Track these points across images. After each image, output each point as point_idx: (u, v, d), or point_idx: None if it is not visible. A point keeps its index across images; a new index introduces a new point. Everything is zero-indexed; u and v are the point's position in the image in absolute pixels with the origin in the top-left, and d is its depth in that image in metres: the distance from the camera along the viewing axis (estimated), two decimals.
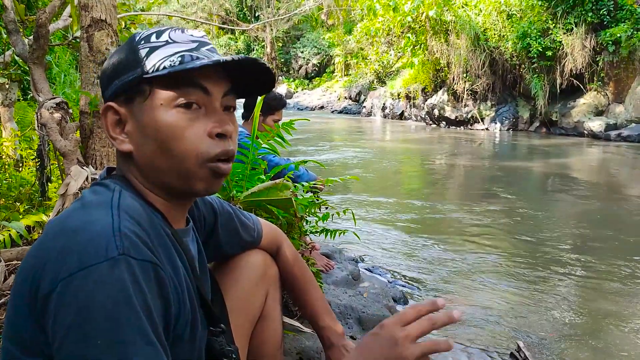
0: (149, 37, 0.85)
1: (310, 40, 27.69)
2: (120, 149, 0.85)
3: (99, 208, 0.75)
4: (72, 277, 0.66)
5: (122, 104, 0.84)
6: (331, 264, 2.95)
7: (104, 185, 0.83)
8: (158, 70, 0.81)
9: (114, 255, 0.67)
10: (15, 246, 2.15)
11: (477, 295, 3.06)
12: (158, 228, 0.81)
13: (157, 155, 0.83)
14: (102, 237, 0.69)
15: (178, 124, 0.81)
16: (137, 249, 0.71)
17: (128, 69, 0.83)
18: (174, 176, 0.84)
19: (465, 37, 13.77)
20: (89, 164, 2.23)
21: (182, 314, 0.80)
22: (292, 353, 1.82)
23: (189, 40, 0.85)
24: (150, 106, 0.82)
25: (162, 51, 0.82)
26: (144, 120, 0.82)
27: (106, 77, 0.87)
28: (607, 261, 3.63)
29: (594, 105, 12.43)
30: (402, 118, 17.30)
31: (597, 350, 2.45)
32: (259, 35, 27.76)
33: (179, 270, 0.82)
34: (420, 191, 6.30)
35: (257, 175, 2.07)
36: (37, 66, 2.56)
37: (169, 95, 0.81)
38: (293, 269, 1.33)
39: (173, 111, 0.81)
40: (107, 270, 0.66)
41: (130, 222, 0.73)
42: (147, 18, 5.00)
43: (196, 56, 0.82)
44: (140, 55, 0.83)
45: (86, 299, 0.65)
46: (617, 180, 7.32)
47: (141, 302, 0.68)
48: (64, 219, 0.75)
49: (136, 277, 0.68)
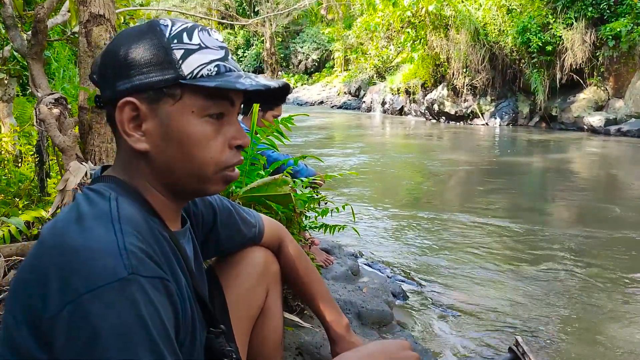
0: (181, 37, 0.82)
1: (309, 35, 27.62)
2: (135, 147, 0.82)
3: (99, 223, 0.72)
4: (81, 298, 0.64)
5: (144, 101, 0.81)
6: (330, 259, 2.95)
7: (98, 192, 0.80)
8: (196, 77, 0.80)
9: (124, 276, 0.66)
10: (14, 242, 2.15)
11: (477, 290, 3.06)
12: (157, 234, 0.80)
13: (177, 159, 0.83)
14: (108, 256, 0.67)
15: (206, 134, 0.82)
16: (145, 266, 0.69)
17: (159, 68, 0.80)
18: (190, 179, 0.85)
19: (465, 32, 13.73)
20: (88, 160, 2.23)
21: (184, 322, 0.80)
22: (291, 348, 1.83)
23: (217, 46, 0.84)
24: (180, 111, 0.81)
25: (199, 57, 0.81)
26: (171, 123, 0.81)
27: (123, 66, 0.81)
28: (607, 256, 3.63)
29: (593, 100, 12.41)
30: (402, 113, 17.28)
31: (595, 345, 2.45)
32: (258, 30, 27.67)
33: (179, 276, 0.82)
34: (420, 187, 6.30)
35: (256, 171, 2.07)
36: (35, 61, 2.55)
37: (203, 104, 0.81)
38: (296, 265, 1.32)
39: (203, 120, 0.82)
40: (118, 291, 0.65)
41: (134, 237, 0.72)
42: (146, 13, 4.99)
43: (229, 67, 0.83)
44: (174, 57, 0.80)
45: (98, 321, 0.63)
46: (617, 176, 7.32)
47: (156, 320, 0.66)
48: (61, 233, 0.72)
49: (148, 295, 0.67)
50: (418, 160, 8.59)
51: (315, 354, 1.83)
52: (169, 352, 0.67)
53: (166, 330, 0.68)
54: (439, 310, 2.79)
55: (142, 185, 0.85)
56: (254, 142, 2.04)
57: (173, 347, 0.69)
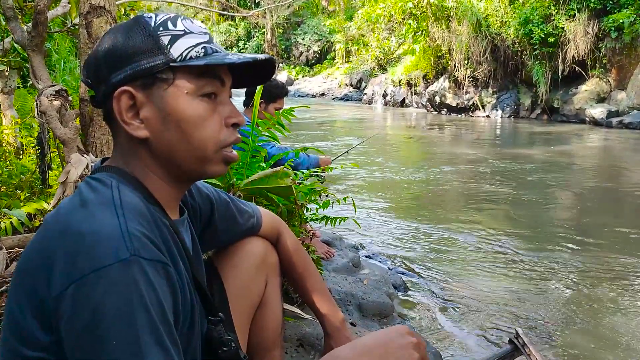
0: (166, 24, 0.85)
1: (310, 27, 27.53)
2: (135, 134, 0.84)
3: (102, 208, 0.75)
4: (85, 278, 0.67)
5: (139, 89, 0.83)
6: (331, 251, 2.96)
7: (99, 180, 0.82)
8: (185, 59, 0.83)
9: (126, 257, 0.68)
10: (16, 234, 2.16)
11: (477, 281, 3.07)
12: (158, 221, 0.82)
13: (177, 142, 0.84)
14: (112, 239, 0.70)
15: (202, 113, 0.84)
16: (147, 249, 0.72)
17: (148, 55, 0.82)
18: (191, 161, 0.87)
19: (466, 23, 13.68)
20: (89, 152, 2.23)
21: (183, 307, 0.81)
22: (292, 339, 1.84)
23: (201, 31, 0.87)
24: (174, 94, 0.83)
25: (185, 41, 0.84)
26: (166, 107, 0.83)
27: (112, 60, 0.83)
28: (607, 248, 3.64)
29: (595, 92, 12.38)
30: (403, 105, 17.25)
31: (594, 337, 2.46)
32: (259, 22, 27.58)
33: (179, 263, 0.83)
34: (421, 179, 6.30)
35: (258, 163, 2.07)
36: (36, 53, 2.54)
37: (195, 84, 0.84)
38: (293, 257, 1.33)
39: (197, 100, 0.84)
40: (120, 272, 0.67)
41: (136, 222, 0.74)
42: (146, 4, 4.97)
43: (215, 49, 0.86)
44: (162, 42, 0.83)
45: (100, 300, 0.66)
46: (619, 168, 7.31)
47: (155, 302, 0.69)
48: (66, 218, 0.74)
49: (148, 277, 0.69)
50: (419, 153, 8.58)
51: (317, 345, 1.84)
52: (166, 333, 0.69)
53: (164, 311, 0.70)
54: (440, 302, 2.80)
55: (143, 173, 0.87)
56: (255, 134, 2.03)
57: (170, 329, 0.71)
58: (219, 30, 29.27)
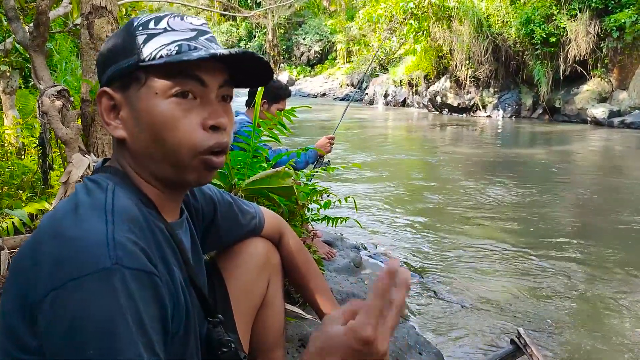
0: (147, 24, 0.83)
1: (312, 27, 27.52)
2: (114, 134, 0.85)
3: (93, 213, 0.73)
4: (64, 287, 0.65)
5: (118, 89, 0.83)
6: (333, 251, 2.95)
7: (97, 182, 0.81)
8: (154, 59, 0.80)
9: (107, 266, 0.66)
10: (18, 234, 2.16)
11: (479, 282, 3.07)
12: (151, 225, 0.80)
13: (150, 144, 0.82)
14: (96, 246, 0.68)
15: (172, 114, 0.80)
16: (131, 258, 0.69)
17: (124, 55, 0.82)
18: (166, 166, 0.83)
19: (468, 23, 13.67)
20: (91, 152, 2.23)
21: (177, 312, 0.80)
22: (294, 339, 1.84)
23: (188, 28, 0.84)
24: (146, 94, 0.81)
25: (160, 39, 0.81)
26: (139, 108, 0.81)
27: (102, 61, 0.86)
28: (609, 249, 3.63)
29: (597, 92, 12.36)
30: (405, 105, 17.24)
31: (596, 337, 2.46)
32: (260, 22, 27.58)
33: (172, 267, 0.82)
34: (423, 179, 6.29)
35: (259, 163, 2.07)
36: (37, 54, 2.55)
37: (164, 84, 0.80)
38: (296, 258, 1.33)
39: (168, 101, 0.80)
40: (99, 281, 0.65)
41: (126, 228, 0.72)
42: (148, 4, 4.98)
43: (194, 46, 0.82)
44: (137, 42, 0.81)
45: (78, 310, 0.64)
46: (621, 168, 7.30)
47: (133, 313, 0.67)
48: (59, 221, 0.73)
49: (129, 287, 0.67)
50: (421, 152, 8.57)
51: None
52: (144, 345, 0.67)
53: (142, 322, 0.68)
54: (441, 302, 2.80)
55: (132, 174, 0.86)
56: (257, 134, 2.03)
57: (148, 341, 0.68)
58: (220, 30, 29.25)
